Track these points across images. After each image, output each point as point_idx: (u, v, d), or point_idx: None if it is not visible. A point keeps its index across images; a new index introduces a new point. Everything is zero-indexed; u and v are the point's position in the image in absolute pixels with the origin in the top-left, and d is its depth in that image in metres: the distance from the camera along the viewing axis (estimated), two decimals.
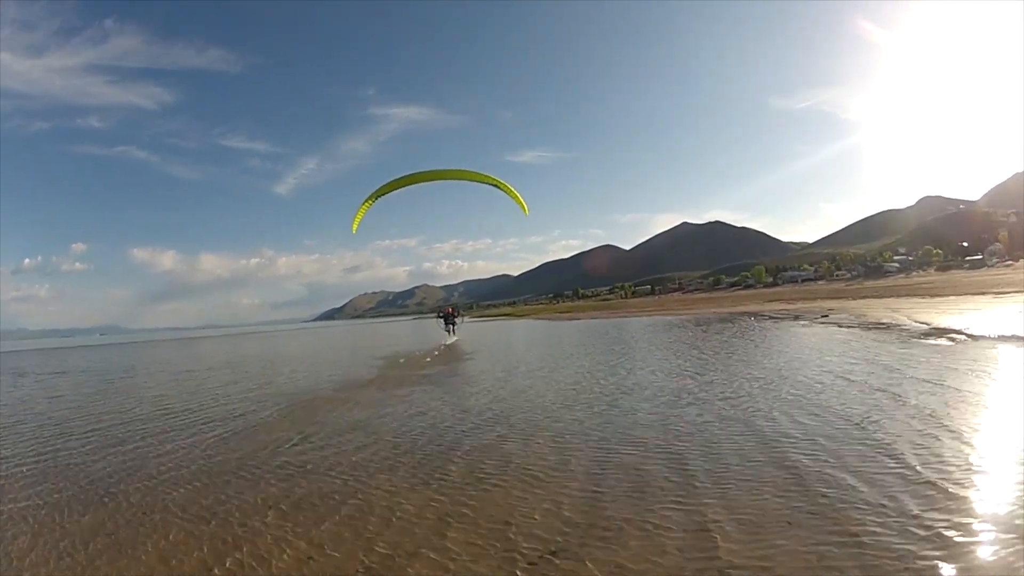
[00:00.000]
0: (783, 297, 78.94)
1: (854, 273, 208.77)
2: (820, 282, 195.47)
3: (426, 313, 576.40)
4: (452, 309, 39.85)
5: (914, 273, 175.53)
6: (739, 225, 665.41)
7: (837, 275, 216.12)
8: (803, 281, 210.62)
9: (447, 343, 36.91)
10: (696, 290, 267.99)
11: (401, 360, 29.68)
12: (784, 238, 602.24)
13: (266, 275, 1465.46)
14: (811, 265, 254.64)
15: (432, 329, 45.63)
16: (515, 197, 28.14)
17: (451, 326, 38.35)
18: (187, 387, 23.83)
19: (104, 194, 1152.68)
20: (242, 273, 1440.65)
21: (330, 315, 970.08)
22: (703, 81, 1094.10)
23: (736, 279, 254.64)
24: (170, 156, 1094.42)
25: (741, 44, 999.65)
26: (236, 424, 14.16)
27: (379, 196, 28.08)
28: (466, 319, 46.84)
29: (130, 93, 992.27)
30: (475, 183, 28.54)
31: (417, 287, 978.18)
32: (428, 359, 29.31)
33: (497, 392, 16.55)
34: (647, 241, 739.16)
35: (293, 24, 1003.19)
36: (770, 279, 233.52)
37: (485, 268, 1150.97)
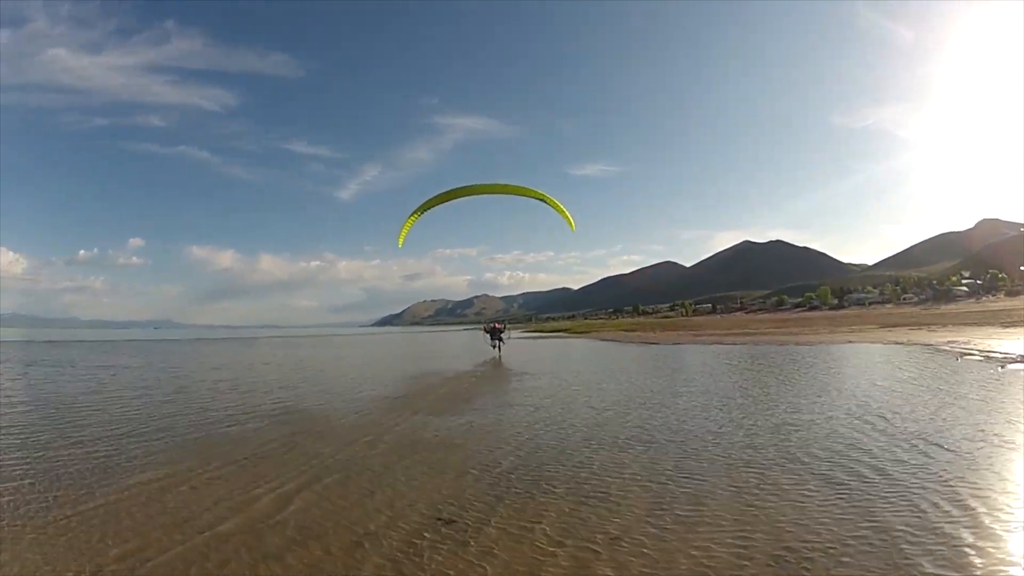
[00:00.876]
0: (860, 322, 72.61)
1: (922, 297, 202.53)
2: (888, 305, 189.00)
3: (484, 322, 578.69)
4: (498, 324, 39.61)
5: (984, 298, 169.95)
6: (800, 244, 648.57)
7: (904, 298, 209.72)
8: (870, 304, 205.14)
9: (495, 357, 36.69)
10: (759, 310, 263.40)
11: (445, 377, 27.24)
12: (844, 259, 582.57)
13: (326, 278, 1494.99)
14: (875, 287, 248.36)
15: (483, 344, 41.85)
16: (562, 212, 27.40)
17: (498, 341, 37.97)
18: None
19: (163, 192, 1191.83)
20: (301, 276, 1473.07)
21: (388, 321, 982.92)
22: (767, 97, 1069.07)
23: (800, 300, 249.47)
24: (231, 158, 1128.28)
25: (805, 60, 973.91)
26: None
27: (425, 210, 27.47)
28: (513, 334, 46.56)
29: (191, 94, 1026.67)
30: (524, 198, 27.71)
31: (476, 297, 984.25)
32: (473, 379, 26.68)
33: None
34: (708, 259, 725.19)
35: (356, 31, 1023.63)
36: (835, 301, 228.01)
37: (546, 280, 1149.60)
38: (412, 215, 27.40)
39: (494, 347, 37.83)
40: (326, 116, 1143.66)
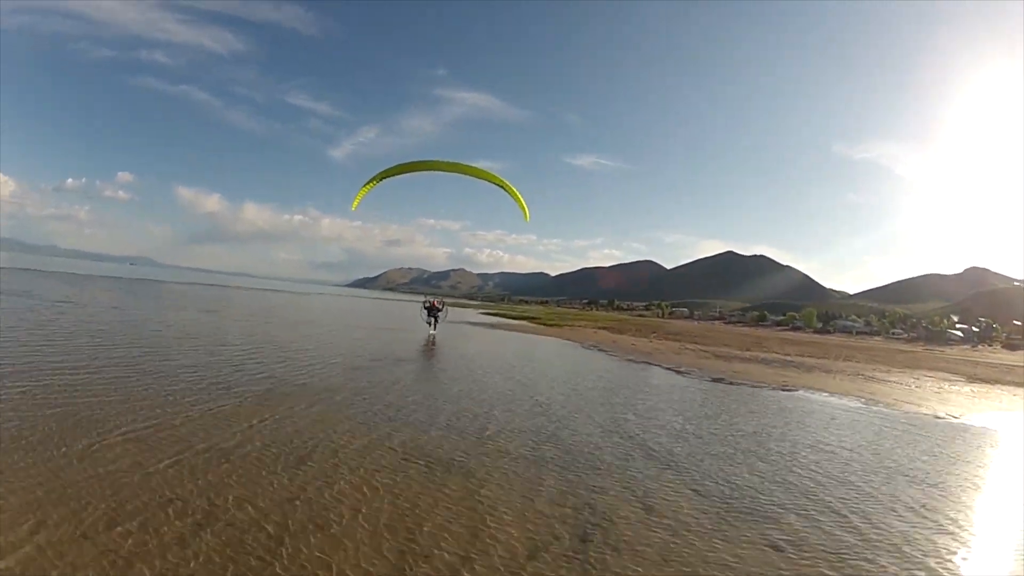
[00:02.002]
0: (868, 358, 53.03)
1: (912, 335, 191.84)
2: (876, 338, 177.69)
3: (457, 296, 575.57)
4: (437, 302, 38.76)
5: (979, 346, 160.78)
6: (784, 263, 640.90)
7: (894, 333, 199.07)
8: (857, 333, 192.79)
9: (430, 334, 36.12)
10: (739, 322, 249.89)
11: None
12: (826, 284, 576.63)
13: (308, 234, 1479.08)
14: (859, 317, 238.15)
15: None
16: (519, 201, 26.60)
17: (433, 319, 37.32)
18: None
19: (159, 129, 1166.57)
20: (284, 228, 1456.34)
21: (363, 284, 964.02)
22: (772, 115, 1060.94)
23: (783, 318, 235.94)
24: (232, 103, 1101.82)
25: (817, 83, 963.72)
26: None
27: (383, 178, 25.98)
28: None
29: (202, 35, 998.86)
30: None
31: (454, 270, 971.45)
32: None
33: None
34: (690, 263, 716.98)
35: None
36: (819, 324, 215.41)
37: (524, 263, 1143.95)
38: (370, 181, 26.08)
39: (429, 324, 37.25)
40: (332, 73, 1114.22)
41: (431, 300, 38.78)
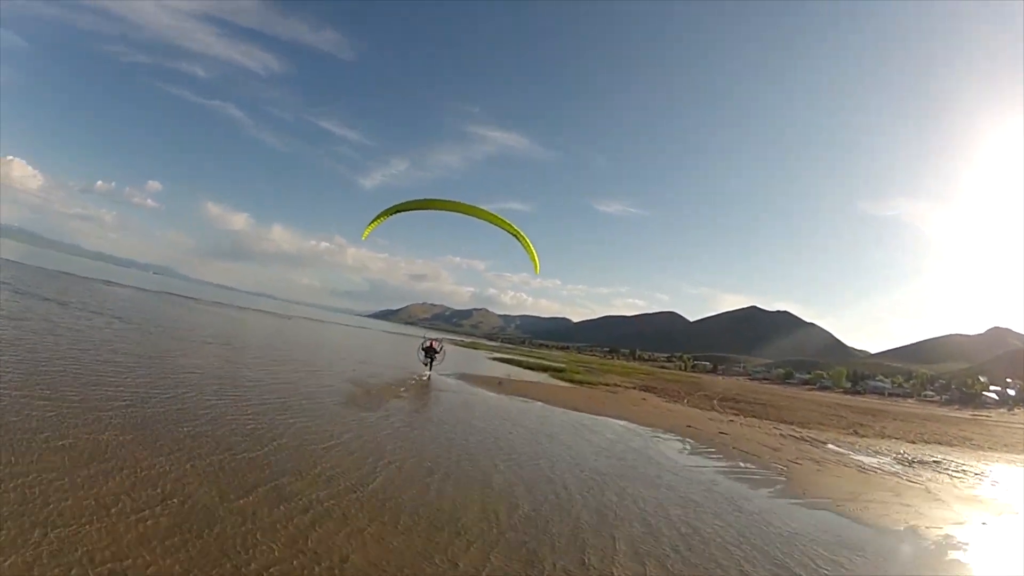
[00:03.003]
0: (920, 426, 48.02)
1: (945, 397, 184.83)
2: (910, 400, 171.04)
3: (478, 336, 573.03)
4: (435, 343, 38.42)
5: (1014, 409, 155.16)
6: (808, 320, 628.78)
7: (925, 395, 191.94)
8: (889, 395, 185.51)
9: (424, 375, 34.89)
10: (764, 379, 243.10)
11: None
12: (847, 342, 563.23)
13: (332, 261, 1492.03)
14: (885, 376, 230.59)
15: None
16: (530, 252, 26.31)
17: (431, 359, 37.03)
18: None
19: (191, 141, 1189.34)
20: (309, 253, 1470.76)
21: (385, 315, 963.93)
22: (799, 169, 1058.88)
23: (809, 376, 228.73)
24: (264, 122, 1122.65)
25: (845, 140, 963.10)
26: None
27: (396, 212, 26.56)
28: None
29: (238, 51, 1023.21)
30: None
31: (476, 309, 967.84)
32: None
33: None
34: (712, 316, 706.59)
35: (415, 24, 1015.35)
36: (848, 384, 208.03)
37: (548, 307, 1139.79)
38: (382, 214, 26.36)
39: (425, 364, 36.68)
40: (365, 102, 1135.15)
41: (430, 340, 38.48)
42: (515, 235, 26.30)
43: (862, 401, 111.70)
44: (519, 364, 69.21)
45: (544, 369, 64.26)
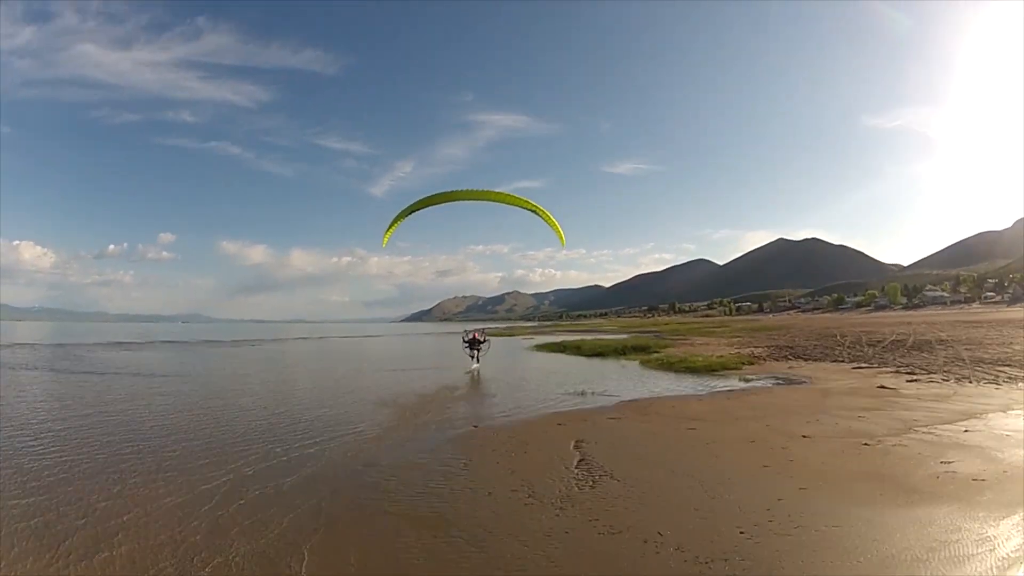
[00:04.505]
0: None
1: (1008, 296, 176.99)
2: (975, 305, 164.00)
3: (514, 319, 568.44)
4: (478, 334, 36.41)
5: None
6: (836, 243, 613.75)
7: (987, 297, 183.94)
8: (952, 303, 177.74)
9: (472, 369, 32.65)
10: (815, 309, 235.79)
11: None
12: (880, 258, 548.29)
13: (356, 274, 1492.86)
14: (933, 285, 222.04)
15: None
16: (554, 226, 24.04)
17: (476, 351, 34.80)
18: None
19: (195, 187, 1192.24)
20: (332, 270, 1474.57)
21: (418, 317, 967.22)
22: (795, 97, 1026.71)
23: (861, 298, 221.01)
24: (265, 152, 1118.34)
25: (833, 59, 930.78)
26: None
27: (412, 212, 24.52)
28: (491, 346, 38.02)
29: (224, 89, 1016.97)
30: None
31: (508, 293, 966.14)
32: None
33: None
34: (742, 257, 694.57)
35: (389, 27, 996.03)
36: (904, 300, 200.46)
37: (577, 278, 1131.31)
38: (398, 218, 24.77)
39: (472, 357, 34.41)
40: (360, 112, 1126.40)
41: (472, 332, 36.48)
42: (534, 211, 24.85)
43: (939, 315, 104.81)
44: (575, 349, 48.13)
45: (618, 351, 43.57)
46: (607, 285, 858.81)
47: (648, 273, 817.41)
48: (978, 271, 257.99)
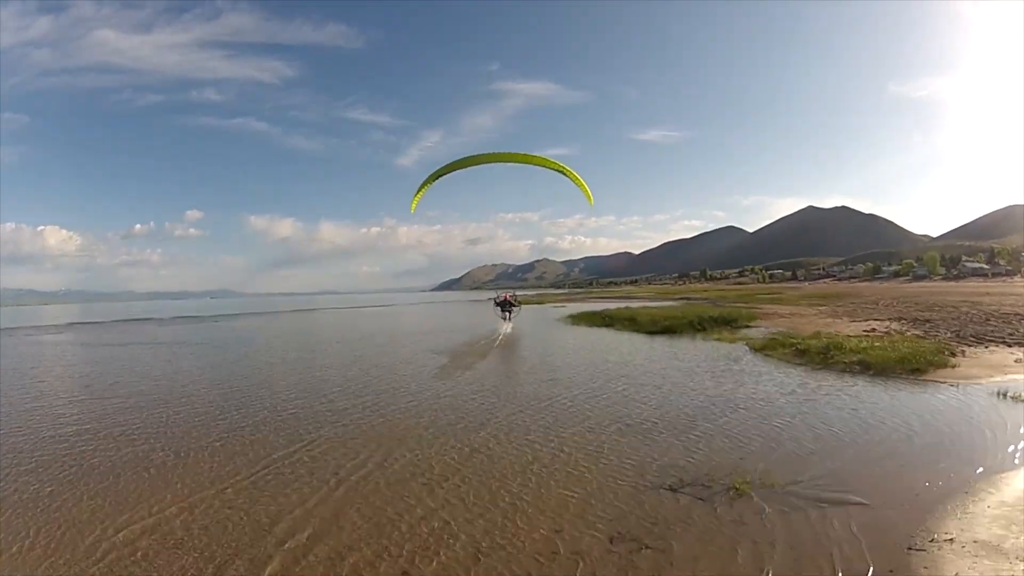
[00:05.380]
0: None
1: None
2: (1017, 278, 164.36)
3: (544, 287, 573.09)
4: (509, 296, 37.48)
5: None
6: (866, 212, 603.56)
7: None
8: (994, 275, 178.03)
9: (505, 331, 33.67)
10: (851, 277, 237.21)
11: None
12: (909, 228, 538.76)
13: (386, 245, 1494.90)
14: (969, 256, 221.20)
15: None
16: (581, 186, 25.44)
17: (507, 313, 35.95)
18: None
19: (221, 164, 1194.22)
20: (362, 242, 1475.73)
21: (448, 286, 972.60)
22: (824, 64, 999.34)
23: (900, 267, 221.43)
24: (291, 128, 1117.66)
25: (860, 26, 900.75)
26: None
27: (438, 177, 26.34)
28: (520, 312, 39.95)
29: (248, 67, 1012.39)
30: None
31: (537, 261, 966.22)
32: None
33: None
34: (771, 224, 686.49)
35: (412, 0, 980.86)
36: (942, 271, 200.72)
37: (607, 245, 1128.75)
38: (425, 183, 26.30)
39: (504, 319, 35.60)
40: (386, 84, 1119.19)
41: (503, 295, 37.75)
42: (561, 171, 25.28)
43: (989, 286, 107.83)
44: (627, 322, 39.20)
45: (692, 325, 34.93)
46: (637, 252, 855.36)
47: (677, 240, 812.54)
48: (1011, 244, 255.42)
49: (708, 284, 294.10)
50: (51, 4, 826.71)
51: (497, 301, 37.20)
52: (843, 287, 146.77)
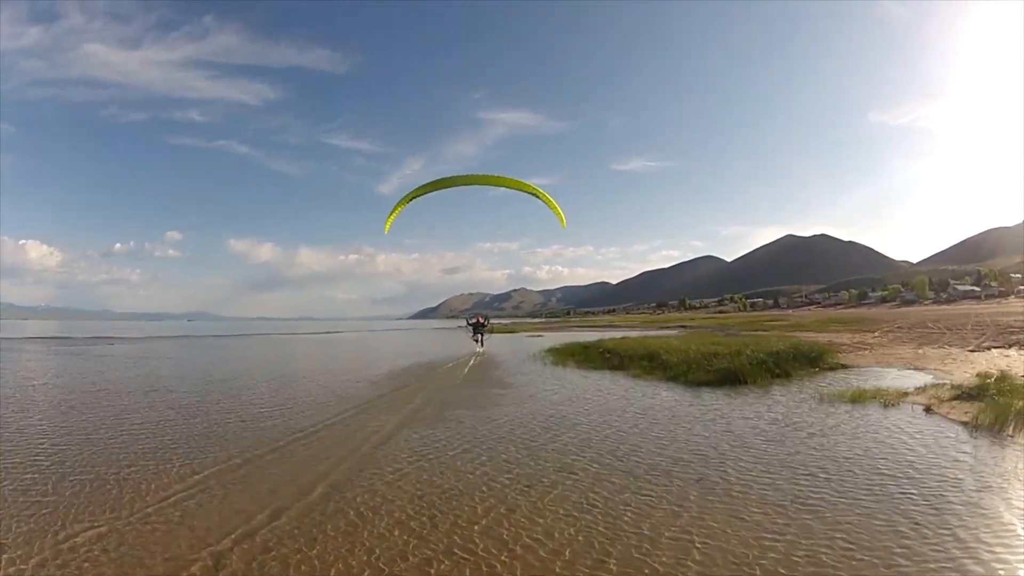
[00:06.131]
0: None
1: None
2: (1011, 298, 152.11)
3: (521, 316, 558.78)
4: (481, 318, 36.61)
5: None
6: (846, 239, 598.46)
7: (1021, 292, 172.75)
8: (987, 297, 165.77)
9: (478, 351, 32.79)
10: (836, 304, 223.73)
11: None
12: (889, 255, 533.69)
13: (364, 272, 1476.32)
14: (955, 280, 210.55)
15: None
16: (554, 209, 24.92)
17: (479, 335, 34.87)
18: None
19: (203, 185, 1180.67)
20: (340, 268, 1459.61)
21: (425, 314, 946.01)
22: (806, 95, 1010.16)
23: (886, 293, 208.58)
24: (273, 151, 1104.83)
25: (841, 56, 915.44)
26: None
27: (414, 198, 25.99)
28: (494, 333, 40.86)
29: (233, 88, 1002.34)
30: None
31: (515, 290, 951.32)
32: None
33: None
34: (750, 253, 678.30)
35: (398, 26, 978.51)
36: (931, 295, 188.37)
37: (584, 275, 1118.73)
38: (400, 203, 26.02)
39: (476, 340, 34.87)
40: (369, 110, 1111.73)
41: (476, 316, 37.16)
42: (535, 194, 25.21)
43: (984, 308, 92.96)
44: (643, 360, 24.03)
45: (763, 365, 19.73)
46: (614, 282, 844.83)
47: (655, 270, 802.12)
48: (994, 266, 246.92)
49: (688, 313, 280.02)
50: (42, 13, 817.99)
51: (469, 322, 37.11)
52: (844, 313, 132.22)
